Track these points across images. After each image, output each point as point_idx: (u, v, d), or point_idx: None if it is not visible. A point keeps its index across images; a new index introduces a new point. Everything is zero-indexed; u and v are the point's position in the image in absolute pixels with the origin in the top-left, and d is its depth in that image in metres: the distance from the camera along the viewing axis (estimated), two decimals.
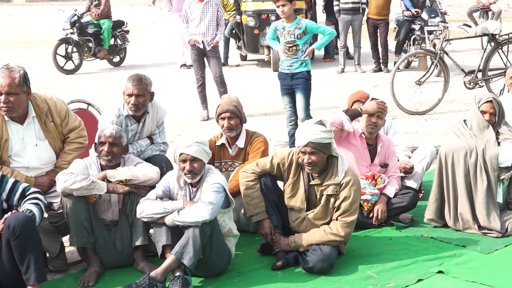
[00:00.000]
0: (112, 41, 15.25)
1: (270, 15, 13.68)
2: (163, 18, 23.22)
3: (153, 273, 4.47)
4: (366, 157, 5.65)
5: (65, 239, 5.02)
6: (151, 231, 4.98)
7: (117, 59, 15.74)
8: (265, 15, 13.94)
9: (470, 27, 11.03)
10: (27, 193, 4.46)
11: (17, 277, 4.28)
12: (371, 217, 5.54)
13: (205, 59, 9.89)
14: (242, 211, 5.36)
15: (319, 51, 7.53)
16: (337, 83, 12.82)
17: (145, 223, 4.81)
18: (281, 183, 5.10)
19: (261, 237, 5.07)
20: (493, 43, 10.19)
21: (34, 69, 13.52)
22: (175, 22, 14.38)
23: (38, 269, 4.24)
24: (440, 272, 4.68)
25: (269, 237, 4.96)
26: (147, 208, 4.64)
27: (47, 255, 4.95)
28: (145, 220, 4.71)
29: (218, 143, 5.60)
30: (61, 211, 4.76)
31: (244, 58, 16.10)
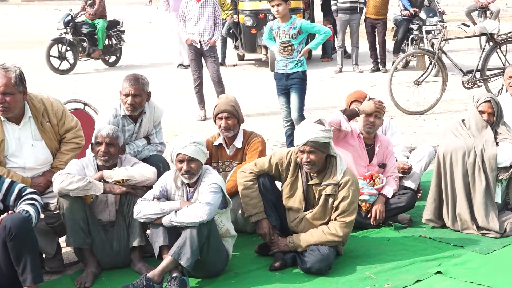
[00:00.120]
0: (107, 41, 15.16)
1: (267, 14, 13.59)
2: (160, 17, 23.26)
3: (150, 274, 4.45)
4: (364, 157, 5.64)
5: (62, 240, 5.00)
6: (148, 231, 4.95)
7: (112, 59, 15.65)
8: (263, 14, 13.90)
9: (468, 26, 11.05)
10: (24, 194, 4.45)
11: (14, 278, 4.26)
12: (369, 217, 5.53)
13: (203, 59, 9.87)
14: (239, 211, 5.34)
15: (315, 50, 7.50)
16: (335, 83, 12.80)
17: (142, 224, 4.80)
18: (279, 184, 5.09)
19: (259, 237, 5.06)
20: (491, 43, 10.17)
21: (30, 69, 13.48)
22: (172, 21, 14.33)
23: (34, 270, 4.23)
24: (438, 272, 4.67)
25: (268, 237, 4.94)
26: (144, 208, 4.62)
27: (44, 256, 4.93)
28: (142, 220, 4.69)
29: (215, 143, 5.58)
30: (58, 211, 4.75)
31: (241, 58, 16.08)
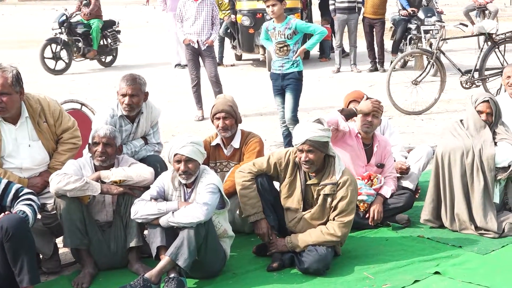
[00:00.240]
0: (102, 41, 15.10)
1: (265, 14, 13.55)
2: (157, 17, 23.24)
3: (147, 275, 4.44)
4: (362, 157, 5.63)
5: (59, 241, 4.99)
6: (145, 232, 4.94)
7: (108, 60, 15.59)
8: (260, 14, 13.86)
9: (466, 26, 11.03)
10: (20, 194, 4.43)
11: (10, 278, 4.25)
12: (367, 217, 5.52)
13: (200, 58, 9.85)
14: (237, 212, 5.33)
15: (311, 50, 7.49)
16: (332, 83, 12.79)
17: (139, 224, 4.78)
18: (277, 184, 5.07)
19: (257, 238, 5.04)
20: (489, 43, 10.16)
21: (27, 69, 13.45)
22: (169, 21, 14.32)
23: (31, 270, 4.22)
24: (436, 273, 4.66)
25: (266, 237, 4.93)
26: (141, 209, 4.60)
27: (41, 256, 4.92)
28: (140, 221, 4.67)
29: (213, 143, 5.57)
30: (55, 212, 4.74)
31: (239, 57, 16.06)
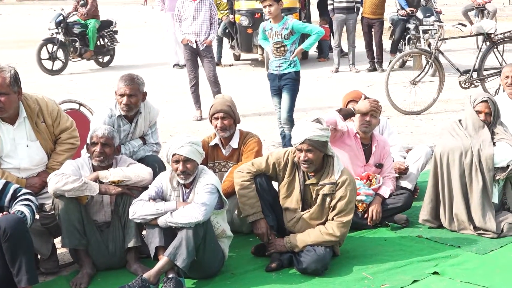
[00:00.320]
0: (99, 42, 15.06)
1: (263, 14, 13.58)
2: (156, 17, 23.24)
3: (146, 275, 4.43)
4: (360, 157, 5.62)
5: (57, 241, 4.98)
6: (143, 232, 4.94)
7: (106, 60, 15.55)
8: (259, 14, 13.81)
9: (465, 26, 11.02)
10: (18, 194, 4.42)
11: (9, 279, 4.24)
12: (366, 217, 5.51)
13: (199, 58, 9.85)
14: (235, 212, 5.32)
15: (308, 50, 7.47)
16: (331, 82, 12.79)
17: (137, 225, 4.77)
18: (276, 184, 5.07)
19: (255, 238, 5.04)
20: (488, 43, 10.15)
21: (25, 69, 13.44)
22: (167, 21, 14.32)
23: (29, 271, 4.21)
24: (435, 273, 4.66)
25: (265, 237, 4.92)
26: (139, 209, 4.60)
27: (39, 256, 4.91)
28: (138, 221, 4.67)
29: (211, 143, 5.56)
30: (53, 212, 4.73)
31: (237, 57, 16.06)
